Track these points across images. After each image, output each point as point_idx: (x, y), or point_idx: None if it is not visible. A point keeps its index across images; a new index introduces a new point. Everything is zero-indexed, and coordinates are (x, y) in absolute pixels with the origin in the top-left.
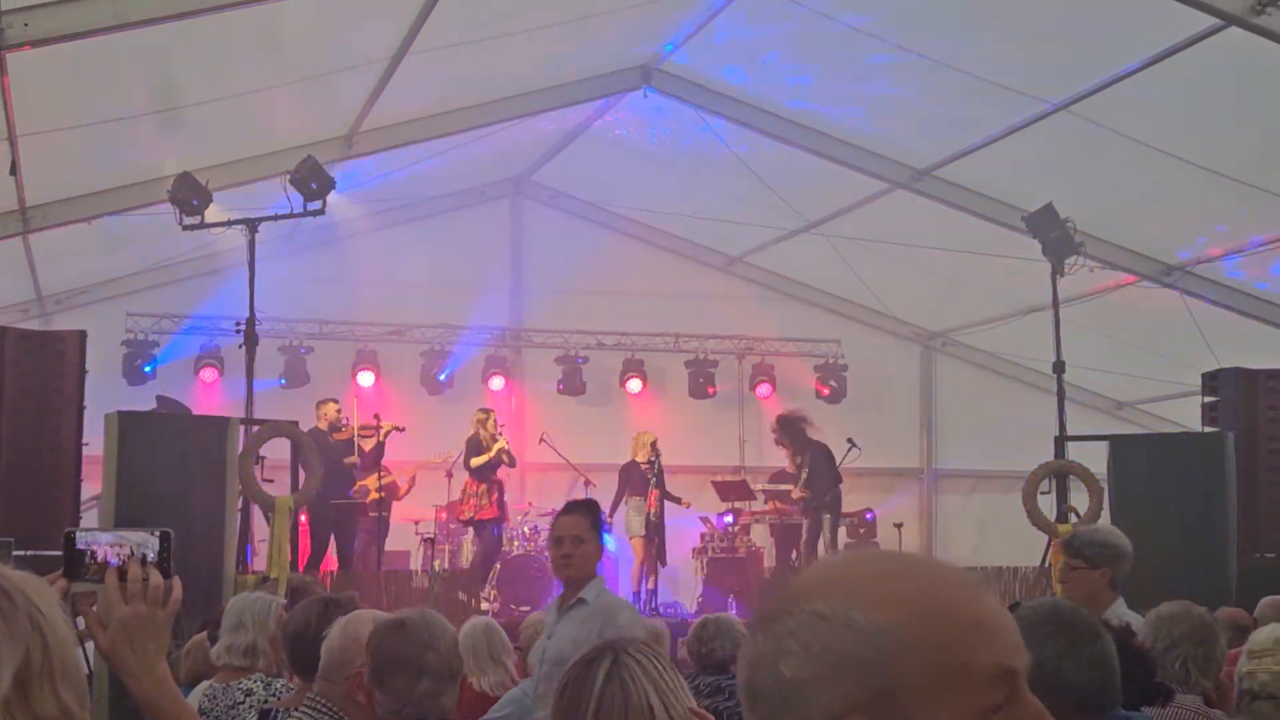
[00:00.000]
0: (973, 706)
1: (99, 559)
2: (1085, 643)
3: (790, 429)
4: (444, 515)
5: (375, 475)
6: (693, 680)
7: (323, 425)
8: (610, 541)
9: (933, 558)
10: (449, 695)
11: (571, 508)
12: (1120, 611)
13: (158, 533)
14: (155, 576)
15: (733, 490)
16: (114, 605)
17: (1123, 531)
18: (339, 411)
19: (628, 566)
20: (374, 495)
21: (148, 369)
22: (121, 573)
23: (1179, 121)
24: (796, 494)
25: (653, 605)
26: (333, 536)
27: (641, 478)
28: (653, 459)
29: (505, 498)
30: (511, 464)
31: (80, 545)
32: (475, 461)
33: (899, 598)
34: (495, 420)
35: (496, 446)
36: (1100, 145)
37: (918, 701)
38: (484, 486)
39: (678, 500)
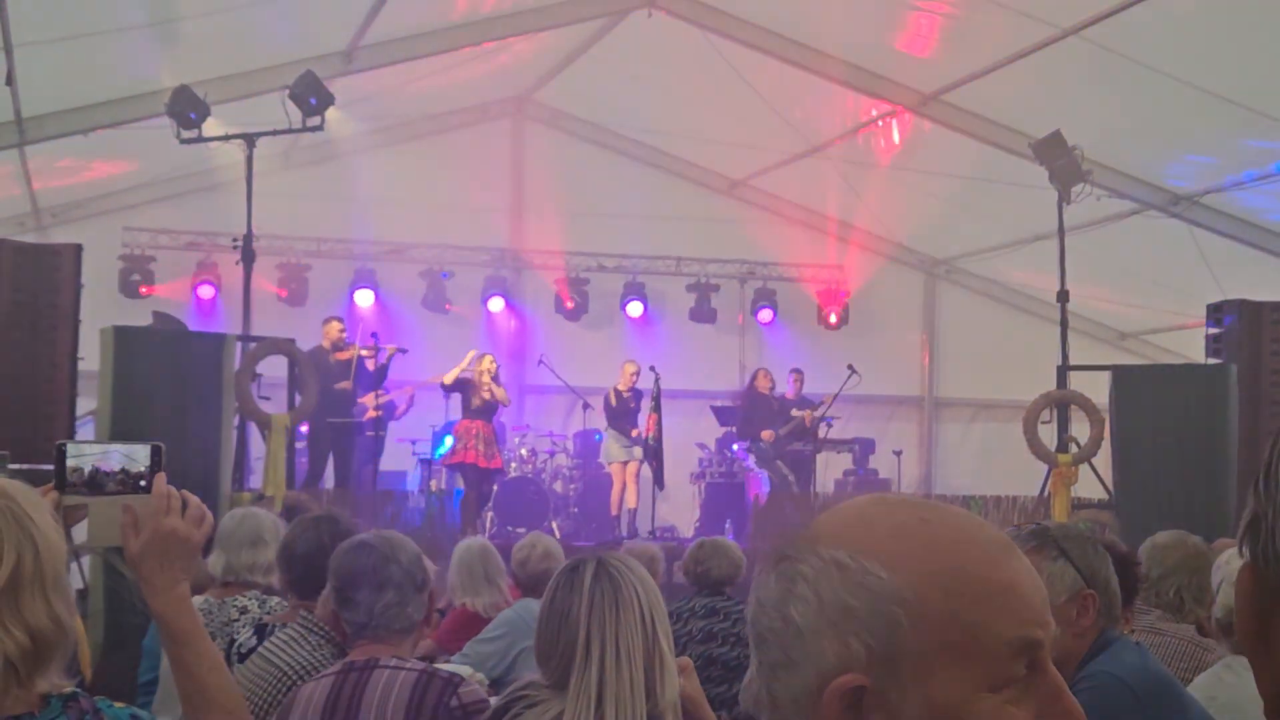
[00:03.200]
0: (984, 678)
1: (93, 471)
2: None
3: None
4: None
5: (373, 394)
6: (689, 601)
7: (325, 344)
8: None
9: (963, 512)
10: (415, 606)
11: None
12: None
13: (149, 446)
14: (194, 498)
15: (732, 415)
16: (157, 514)
17: (1125, 463)
18: (342, 331)
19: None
20: (371, 414)
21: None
22: (109, 483)
23: (1192, 47)
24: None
25: (649, 529)
26: (331, 455)
27: (622, 405)
28: (636, 386)
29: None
30: (500, 400)
31: (72, 458)
32: (447, 378)
33: (920, 556)
34: (492, 360)
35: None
36: (1111, 71)
37: (922, 668)
38: (476, 427)
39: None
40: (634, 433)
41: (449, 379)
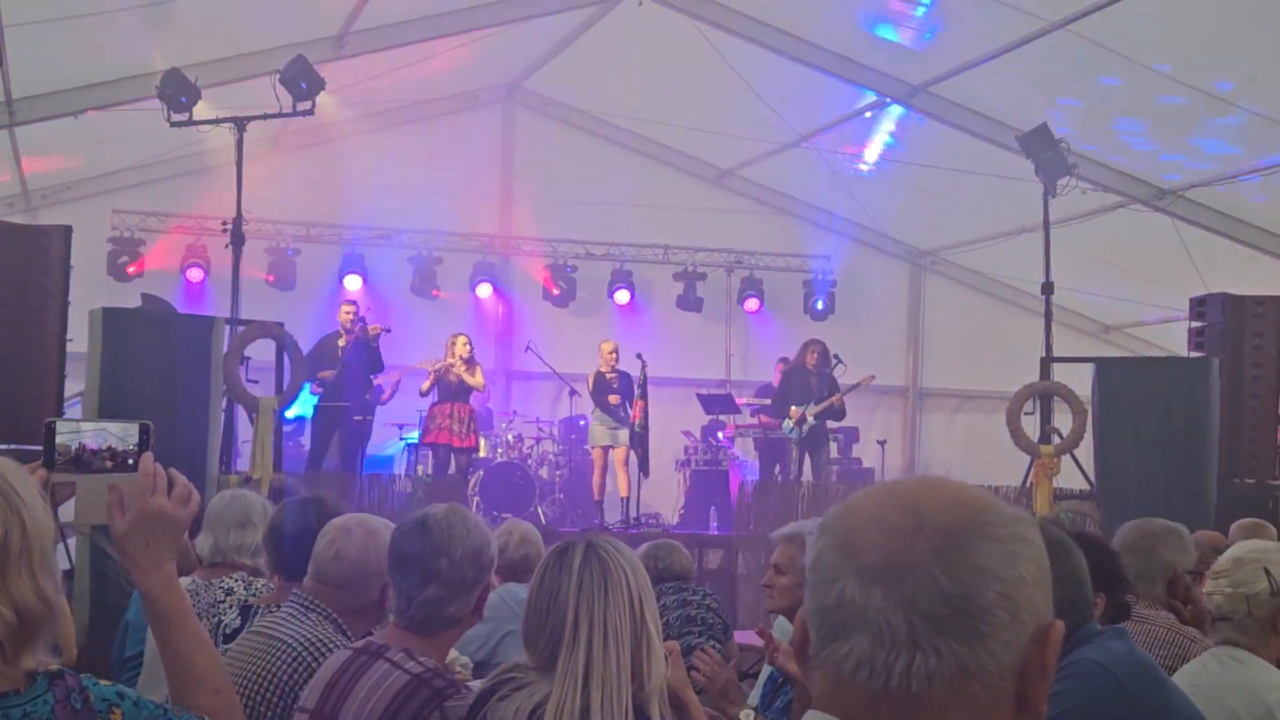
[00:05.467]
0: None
1: (80, 449)
2: (1057, 560)
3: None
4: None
5: (396, 375)
6: (655, 586)
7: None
8: None
9: None
10: (458, 604)
11: None
12: None
13: (137, 424)
14: (181, 477)
15: (718, 403)
16: (143, 493)
17: (1106, 454)
18: (348, 314)
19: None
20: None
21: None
22: (95, 461)
23: (1177, 43)
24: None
25: (633, 516)
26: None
27: (605, 387)
28: (618, 367)
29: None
30: (473, 385)
31: (60, 435)
32: (424, 386)
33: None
34: (465, 343)
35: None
36: (1097, 65)
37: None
38: (448, 408)
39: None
40: (614, 400)
41: (425, 387)
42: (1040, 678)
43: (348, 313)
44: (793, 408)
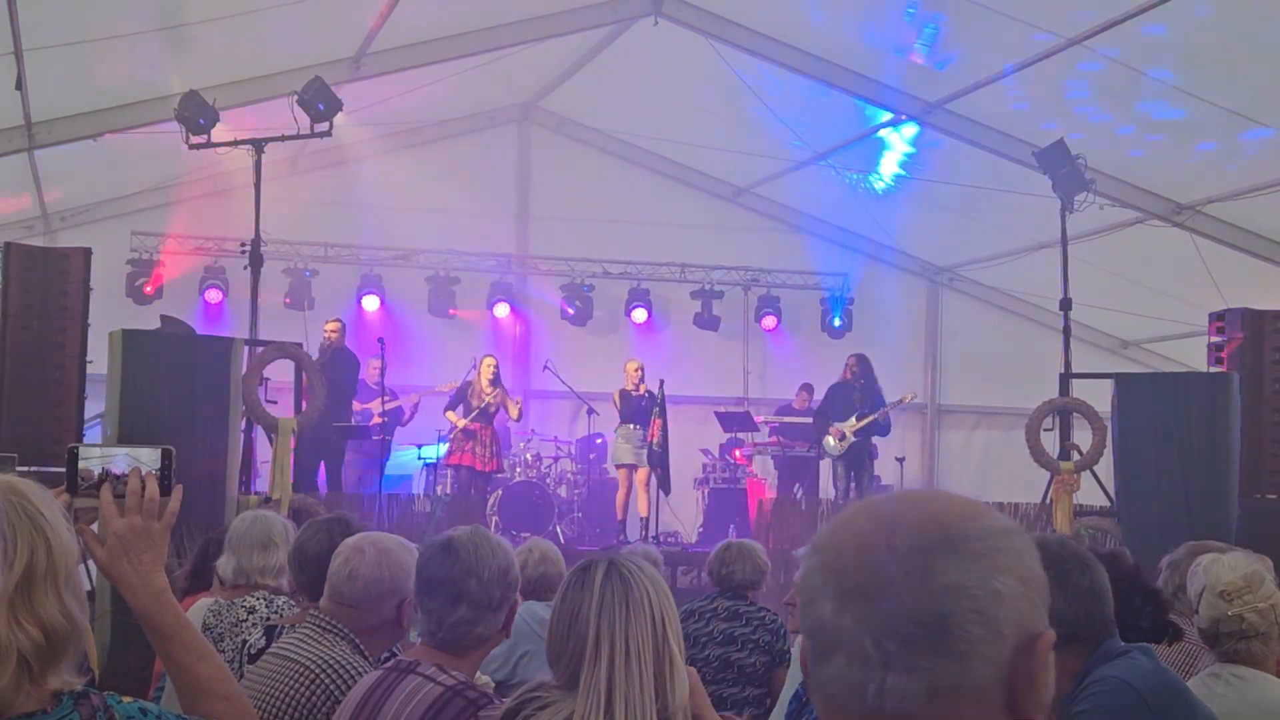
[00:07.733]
0: None
1: (102, 474)
2: (1073, 574)
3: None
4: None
5: (379, 400)
6: (712, 600)
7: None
8: None
9: None
10: (487, 624)
11: None
12: None
13: (160, 450)
14: (151, 488)
15: (736, 421)
16: (110, 519)
17: (1126, 470)
18: (332, 333)
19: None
20: (376, 419)
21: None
22: (118, 486)
23: (1194, 58)
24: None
25: (653, 534)
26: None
27: (633, 405)
28: (648, 388)
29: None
30: (505, 408)
31: (83, 460)
32: (460, 423)
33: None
34: (490, 364)
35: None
36: (1113, 81)
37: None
38: (473, 430)
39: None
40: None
41: (460, 424)
42: (1029, 688)
43: (332, 330)
44: (833, 425)
